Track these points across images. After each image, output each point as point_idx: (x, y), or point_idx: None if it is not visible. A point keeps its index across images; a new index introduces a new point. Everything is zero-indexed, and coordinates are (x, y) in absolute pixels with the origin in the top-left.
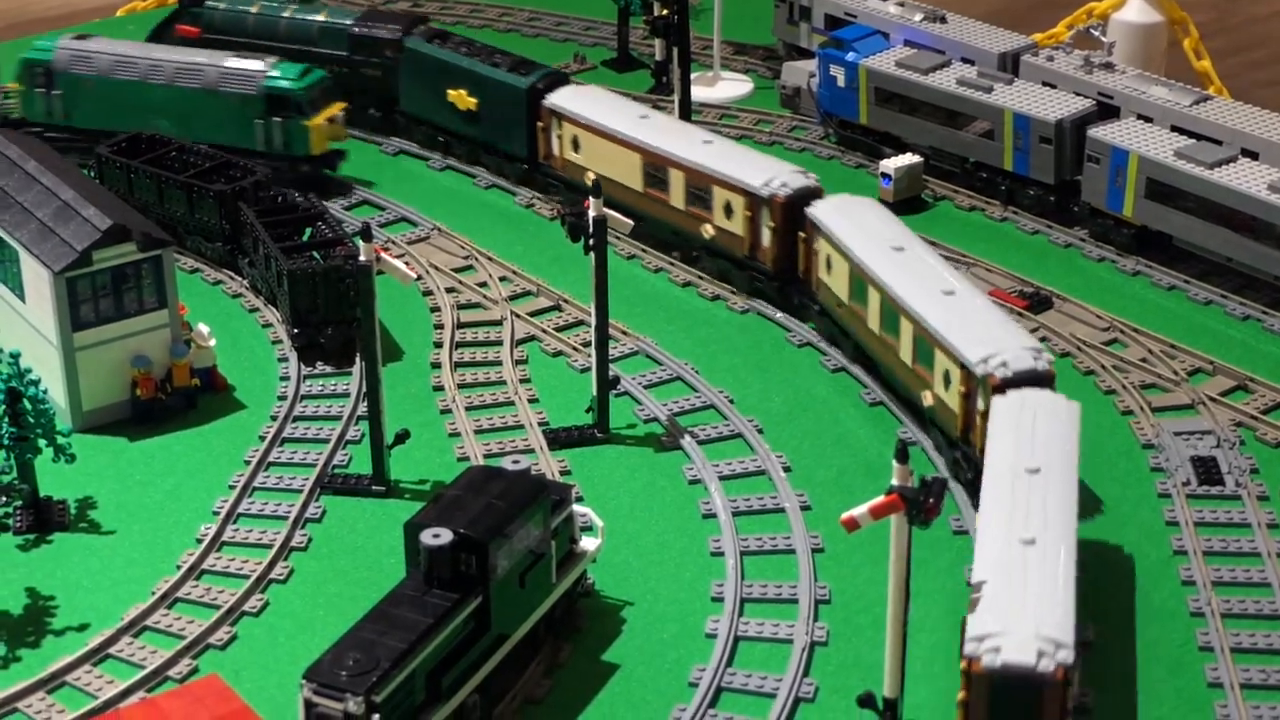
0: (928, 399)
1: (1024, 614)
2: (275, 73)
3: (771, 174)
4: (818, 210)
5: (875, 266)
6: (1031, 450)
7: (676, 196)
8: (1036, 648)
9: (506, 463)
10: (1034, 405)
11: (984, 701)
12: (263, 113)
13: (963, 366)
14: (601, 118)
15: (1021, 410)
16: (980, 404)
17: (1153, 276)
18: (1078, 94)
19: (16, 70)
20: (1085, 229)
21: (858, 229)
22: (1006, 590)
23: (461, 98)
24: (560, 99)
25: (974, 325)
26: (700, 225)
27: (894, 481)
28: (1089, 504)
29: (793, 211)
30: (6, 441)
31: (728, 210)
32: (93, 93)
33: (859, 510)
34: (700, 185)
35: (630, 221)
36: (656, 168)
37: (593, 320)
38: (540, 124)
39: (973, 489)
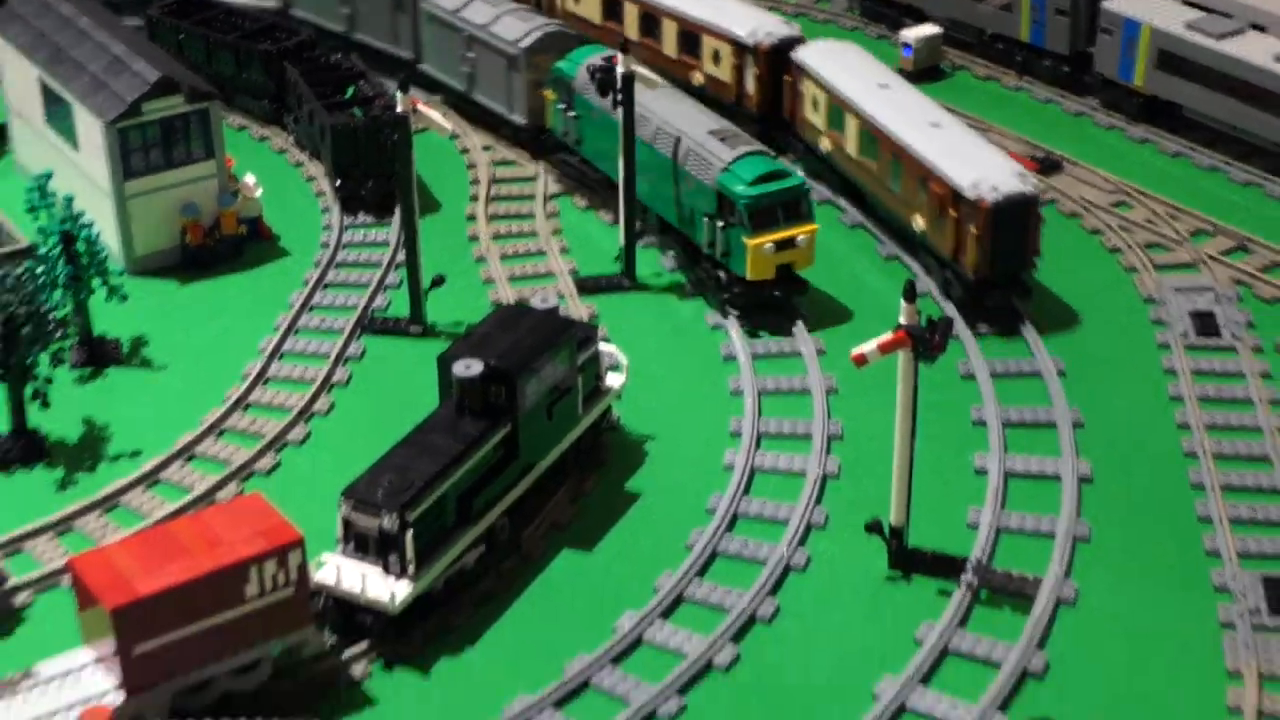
0: (697, 78)
1: (985, 164)
2: (735, 168)
3: None
4: None
5: None
6: (868, 75)
7: None
8: (1018, 180)
9: (535, 301)
10: (827, 50)
11: (991, 226)
12: (713, 210)
13: (732, 42)
14: None
15: (826, 54)
16: (753, 70)
17: (1160, 144)
18: None
19: (549, 79)
20: (1097, 98)
21: None
22: (955, 151)
23: None
24: None
25: (726, 13)
26: None
27: (901, 320)
28: (1087, 358)
29: None
30: (63, 280)
31: None
32: (596, 125)
33: (868, 346)
34: None
35: (659, 79)
36: None
37: (620, 174)
38: None
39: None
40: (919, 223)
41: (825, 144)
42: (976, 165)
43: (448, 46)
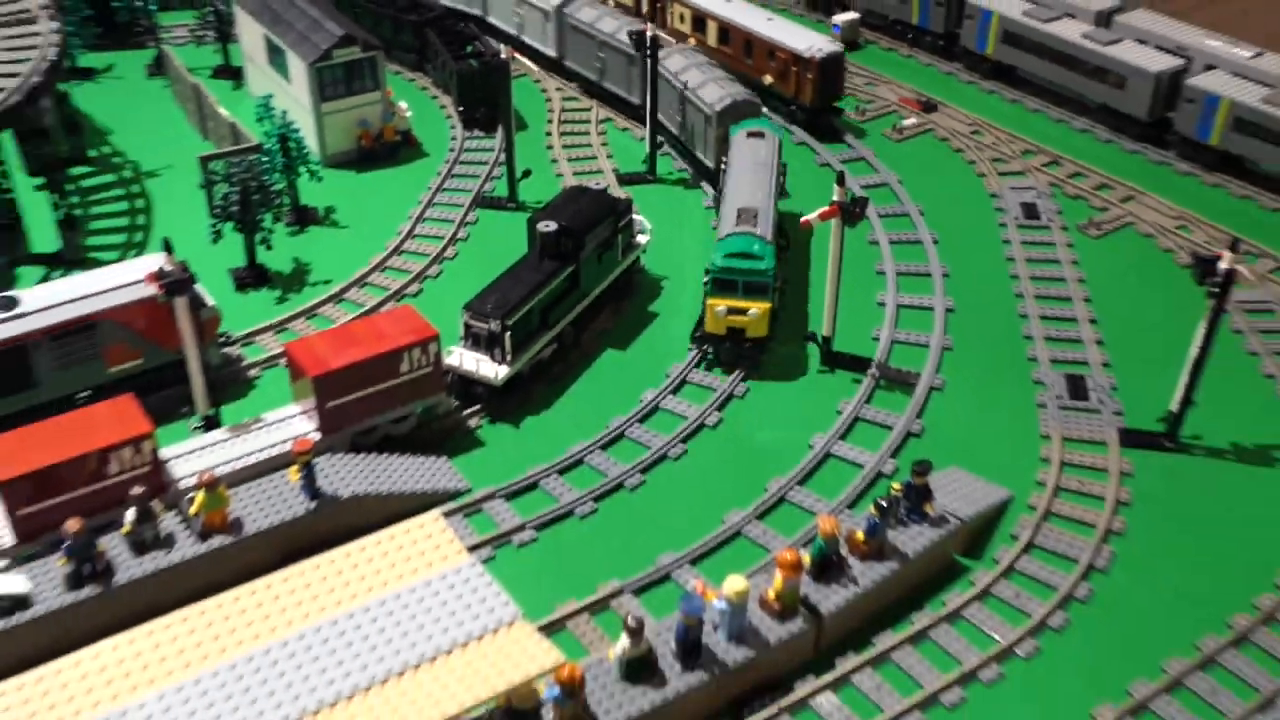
0: (611, 3)
1: (808, 38)
2: (724, 241)
3: None
4: None
5: None
6: None
7: None
8: (832, 44)
9: (591, 185)
10: None
11: (820, 73)
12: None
13: None
14: None
15: None
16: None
17: (1002, 94)
18: None
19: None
20: (961, 63)
21: None
22: (787, 32)
23: None
24: None
25: None
26: None
27: (834, 198)
28: (952, 233)
29: None
30: (279, 167)
31: None
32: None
33: (812, 215)
34: None
35: (673, 40)
36: None
37: (646, 107)
38: None
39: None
40: (768, 79)
41: (691, 42)
42: (804, 39)
43: (669, 100)
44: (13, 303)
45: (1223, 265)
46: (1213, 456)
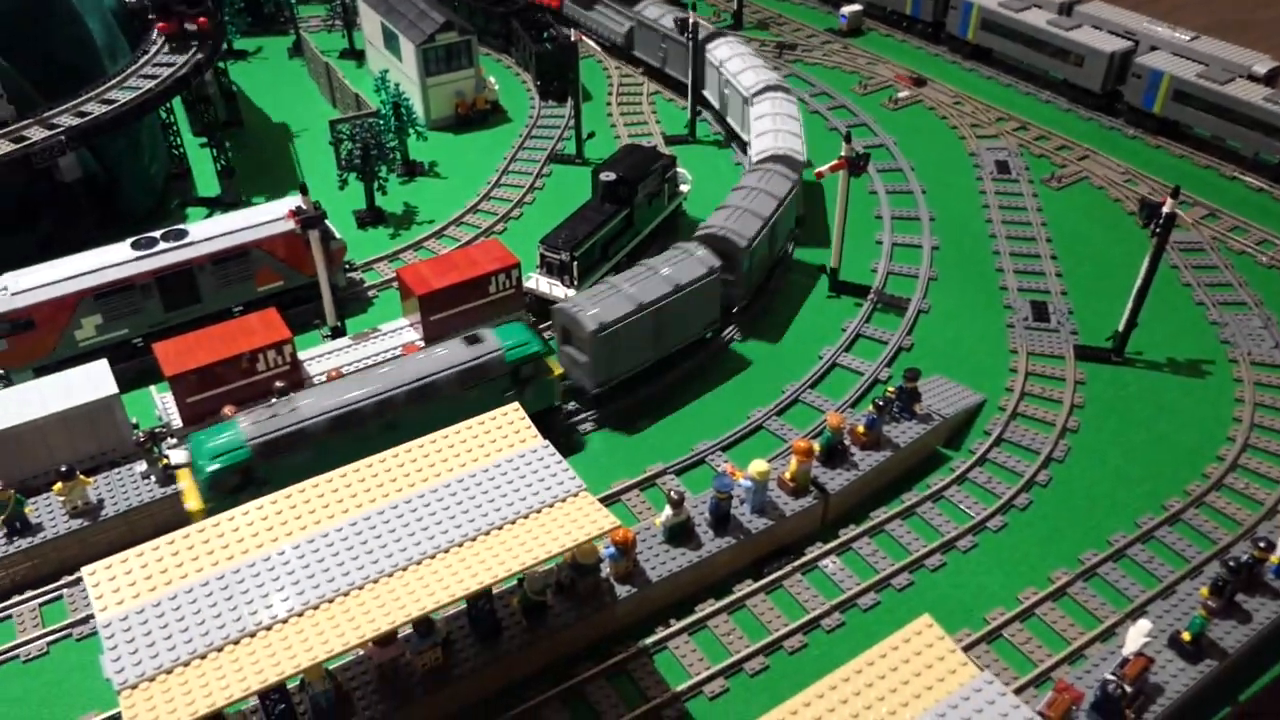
0: None
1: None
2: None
3: None
4: None
5: None
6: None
7: None
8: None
9: (644, 144)
10: None
11: None
12: None
13: None
14: None
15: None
16: None
17: (980, 71)
18: None
19: None
20: (947, 46)
21: None
22: None
23: None
24: None
25: None
26: None
27: (842, 153)
28: (938, 185)
29: None
30: (393, 129)
31: None
32: None
33: (824, 167)
34: None
35: (710, 26)
36: None
37: (689, 82)
38: None
39: None
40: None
41: None
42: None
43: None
44: (183, 234)
45: (1166, 209)
46: (1151, 369)
